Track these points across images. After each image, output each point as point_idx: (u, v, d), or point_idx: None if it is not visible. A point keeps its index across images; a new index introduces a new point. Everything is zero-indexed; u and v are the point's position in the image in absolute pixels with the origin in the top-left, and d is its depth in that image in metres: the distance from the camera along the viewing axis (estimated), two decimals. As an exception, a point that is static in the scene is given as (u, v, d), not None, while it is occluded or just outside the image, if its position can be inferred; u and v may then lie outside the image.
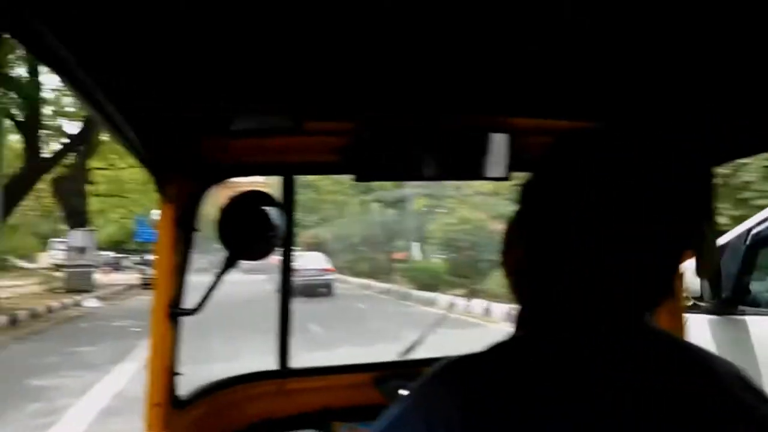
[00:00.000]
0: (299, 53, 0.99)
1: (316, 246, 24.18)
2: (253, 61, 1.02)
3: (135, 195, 25.53)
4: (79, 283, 18.78)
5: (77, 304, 16.34)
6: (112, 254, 36.07)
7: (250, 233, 1.36)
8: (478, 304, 13.37)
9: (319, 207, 28.45)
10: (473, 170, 1.43)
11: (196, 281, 1.42)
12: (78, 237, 19.81)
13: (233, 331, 10.02)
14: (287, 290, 1.60)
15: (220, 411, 1.50)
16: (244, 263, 1.46)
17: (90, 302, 16.84)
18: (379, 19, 0.87)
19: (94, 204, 25.67)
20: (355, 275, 24.57)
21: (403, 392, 1.46)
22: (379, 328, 10.99)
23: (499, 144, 1.40)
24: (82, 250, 19.28)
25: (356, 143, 1.39)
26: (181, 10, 0.78)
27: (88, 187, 23.88)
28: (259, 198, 1.39)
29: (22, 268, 19.56)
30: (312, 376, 1.64)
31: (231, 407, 1.51)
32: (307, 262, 17.27)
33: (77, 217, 20.63)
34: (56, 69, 0.72)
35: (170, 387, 1.32)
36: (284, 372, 1.60)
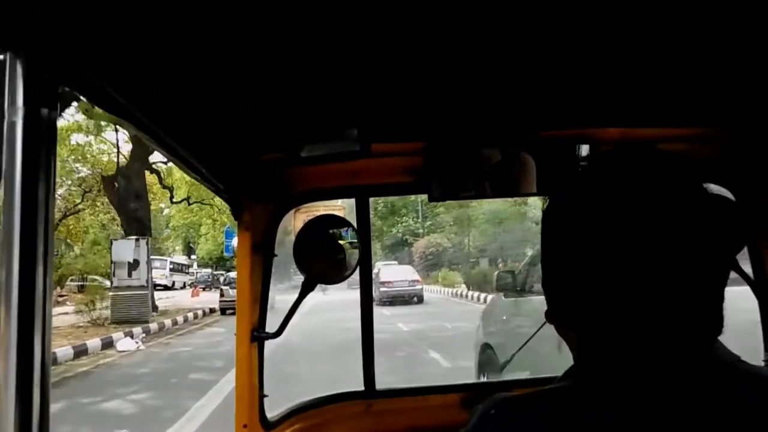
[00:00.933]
0: (365, 78, 1.01)
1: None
2: (317, 86, 1.04)
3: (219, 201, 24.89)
4: (128, 310, 14.34)
5: (109, 345, 11.70)
6: (208, 271, 35.64)
7: (327, 257, 1.39)
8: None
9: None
10: (547, 185, 1.40)
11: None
12: (125, 249, 15.01)
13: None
14: (369, 311, 1.62)
15: None
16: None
17: (125, 343, 11.75)
18: (445, 41, 0.87)
19: (176, 213, 25.65)
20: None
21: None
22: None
23: (575, 156, 1.37)
24: (133, 266, 14.77)
25: (427, 164, 1.39)
26: (246, 49, 0.81)
27: (159, 190, 22.17)
28: (333, 222, 1.42)
29: (105, 288, 15.97)
30: (398, 397, 1.64)
31: (318, 428, 1.54)
32: (399, 273, 19.61)
33: (136, 225, 16.25)
34: (123, 115, 0.76)
35: (258, 408, 1.35)
36: (370, 393, 1.60)
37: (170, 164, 15.74)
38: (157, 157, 18.46)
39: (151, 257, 16.67)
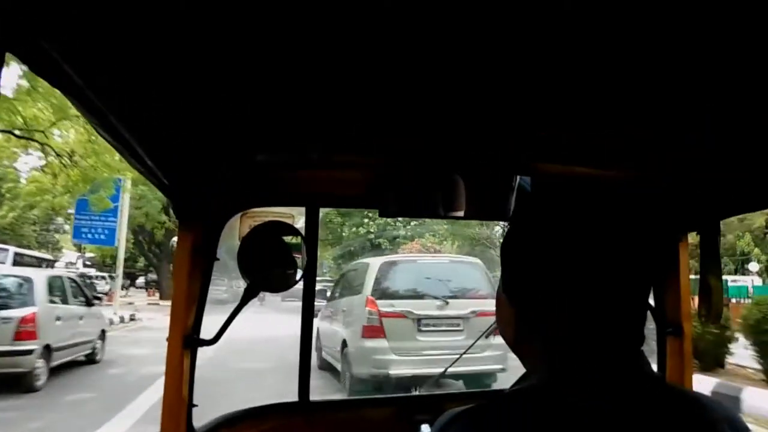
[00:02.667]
0: (328, 89, 1.00)
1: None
2: (279, 97, 1.03)
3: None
4: None
5: None
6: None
7: (272, 264, 1.36)
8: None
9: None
10: (496, 211, 1.45)
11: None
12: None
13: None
14: (308, 322, 1.59)
15: None
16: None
17: None
18: (410, 60, 0.88)
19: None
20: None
21: (427, 426, 1.47)
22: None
23: (518, 188, 1.43)
24: None
25: (381, 180, 1.40)
26: (203, 41, 0.78)
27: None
28: (281, 229, 1.39)
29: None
30: (333, 410, 1.61)
31: None
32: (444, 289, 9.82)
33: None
34: (69, 90, 0.72)
35: (185, 418, 1.29)
36: (305, 405, 1.56)
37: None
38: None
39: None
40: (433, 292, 7.27)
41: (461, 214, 1.48)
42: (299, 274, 1.38)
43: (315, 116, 1.15)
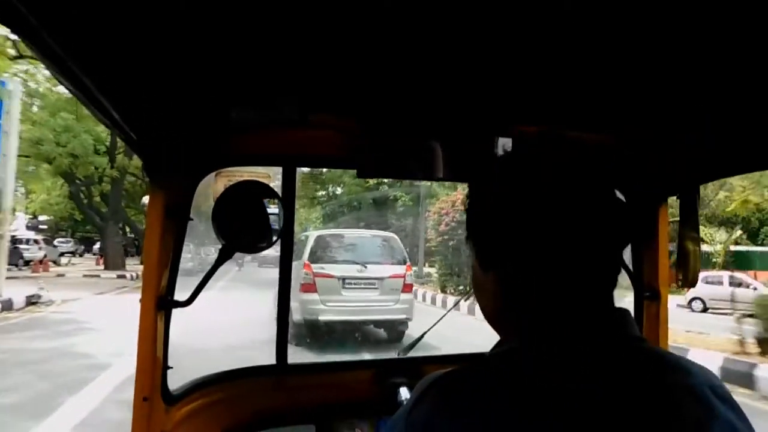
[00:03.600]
0: (306, 47, 0.95)
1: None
2: (256, 52, 0.97)
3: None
4: None
5: None
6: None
7: (248, 225, 1.31)
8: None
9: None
10: (476, 173, 1.42)
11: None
12: None
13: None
14: (286, 285, 1.56)
15: (213, 406, 1.44)
16: (260, 255, 1.44)
17: None
18: (390, 20, 0.84)
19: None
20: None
21: (404, 389, 1.47)
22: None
23: (502, 148, 1.41)
24: None
25: (360, 140, 1.35)
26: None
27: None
28: (257, 189, 1.34)
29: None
30: (311, 373, 1.60)
31: (226, 402, 1.46)
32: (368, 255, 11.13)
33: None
34: (23, 31, 0.66)
35: (160, 381, 1.26)
36: (282, 368, 1.55)
37: None
38: None
39: None
40: (356, 259, 9.28)
41: (440, 175, 1.46)
42: (275, 235, 1.34)
43: (292, 73, 1.10)
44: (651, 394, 0.64)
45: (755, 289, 14.86)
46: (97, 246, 30.19)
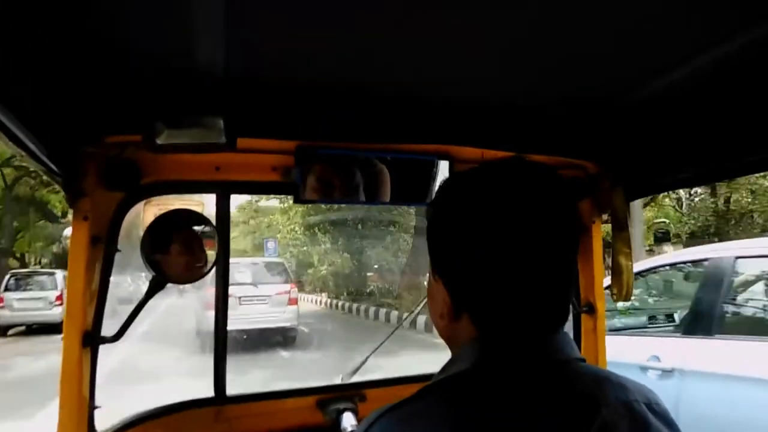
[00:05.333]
0: (231, 66, 0.93)
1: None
2: (178, 72, 0.94)
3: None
4: None
5: None
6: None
7: (180, 254, 1.26)
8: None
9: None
10: (416, 197, 1.42)
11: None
12: None
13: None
14: (224, 314, 1.50)
15: None
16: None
17: None
18: (326, 35, 0.83)
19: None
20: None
21: (348, 414, 1.43)
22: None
23: (440, 172, 1.41)
24: None
25: (297, 164, 1.33)
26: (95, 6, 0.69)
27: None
28: (189, 217, 1.29)
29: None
30: (251, 402, 1.54)
31: None
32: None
33: None
34: None
35: (86, 421, 1.18)
36: (221, 399, 1.48)
37: None
38: None
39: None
40: (249, 280, 11.46)
41: (384, 199, 1.44)
42: (210, 264, 1.29)
43: (217, 94, 1.06)
44: (591, 414, 0.64)
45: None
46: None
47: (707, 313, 3.30)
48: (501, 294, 0.67)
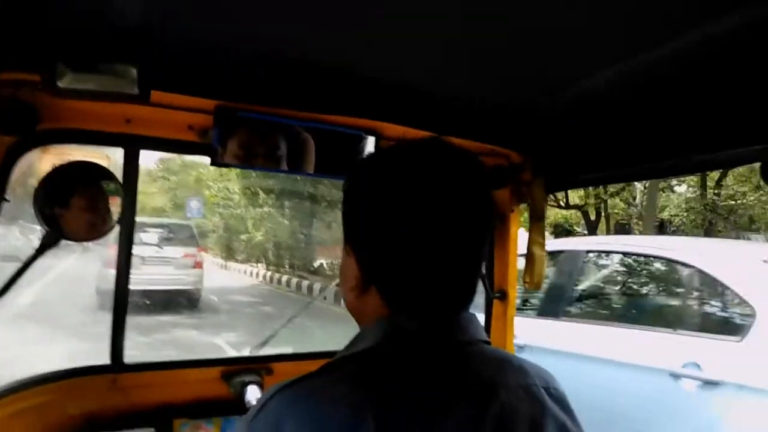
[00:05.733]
0: (152, 11, 0.84)
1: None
2: (96, 12, 0.85)
3: None
4: None
5: None
6: None
7: (79, 210, 1.16)
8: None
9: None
10: (339, 169, 1.38)
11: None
12: None
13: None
14: (125, 276, 1.40)
15: (33, 412, 1.26)
16: None
17: None
18: None
19: None
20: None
21: (253, 387, 1.39)
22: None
23: (366, 147, 1.38)
24: None
25: (216, 125, 1.25)
26: None
27: None
28: (92, 170, 1.19)
29: None
30: (151, 371, 1.46)
31: (50, 407, 1.28)
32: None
33: None
34: None
35: None
36: (117, 366, 1.39)
37: None
38: None
39: None
40: (154, 241, 11.26)
41: (308, 169, 1.39)
42: (111, 223, 1.20)
43: (132, 39, 0.97)
44: (490, 395, 0.66)
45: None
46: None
47: (556, 298, 3.69)
48: (410, 270, 0.67)
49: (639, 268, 3.75)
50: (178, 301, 11.05)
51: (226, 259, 21.06)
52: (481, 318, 1.63)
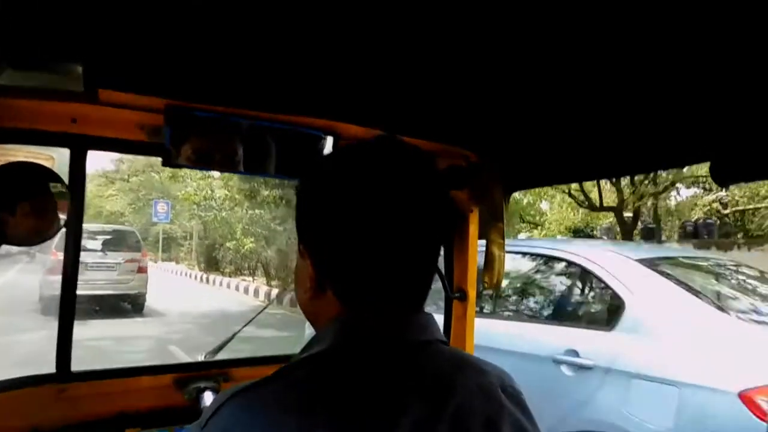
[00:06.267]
0: (100, 10, 0.81)
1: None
2: (38, 6, 0.81)
3: None
4: None
5: None
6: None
7: (22, 213, 1.11)
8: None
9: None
10: (298, 169, 1.36)
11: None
12: None
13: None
14: (72, 282, 1.34)
15: None
16: None
17: None
18: None
19: None
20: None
21: (209, 393, 1.35)
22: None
23: (325, 147, 1.36)
24: None
25: (167, 125, 1.21)
26: None
27: None
28: (35, 172, 1.14)
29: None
30: (99, 380, 1.40)
31: None
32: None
33: None
34: None
35: None
36: (64, 375, 1.33)
37: None
38: None
39: None
40: (97, 247, 11.60)
41: (267, 170, 1.36)
42: (55, 227, 1.15)
43: (78, 35, 0.93)
44: (447, 395, 0.65)
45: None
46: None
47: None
48: (365, 271, 0.67)
49: (538, 267, 3.94)
50: (122, 306, 11.45)
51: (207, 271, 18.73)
52: (441, 319, 1.63)
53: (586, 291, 3.48)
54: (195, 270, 19.82)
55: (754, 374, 2.44)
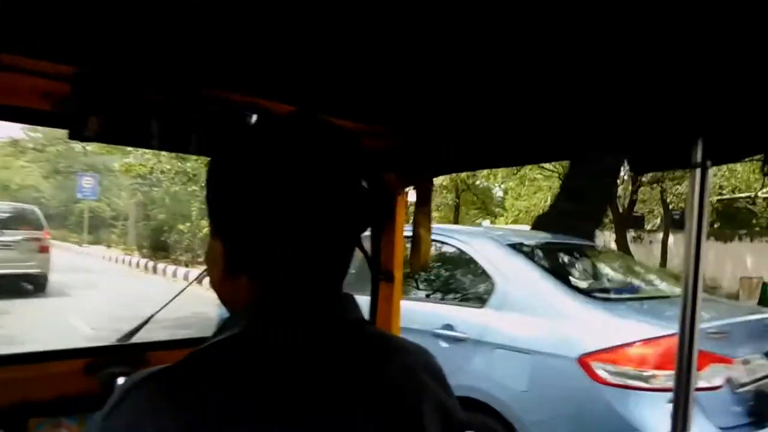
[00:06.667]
0: None
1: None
2: None
3: None
4: None
5: None
6: None
7: None
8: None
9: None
10: (212, 146, 1.31)
11: None
12: None
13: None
14: None
15: None
16: None
17: None
18: None
19: None
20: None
21: (122, 380, 1.27)
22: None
23: (243, 122, 1.30)
24: None
25: (76, 93, 1.10)
26: None
27: None
28: None
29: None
30: (4, 366, 1.27)
31: None
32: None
33: None
34: None
35: None
36: None
37: None
38: None
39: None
40: None
41: (185, 148, 1.28)
42: None
43: None
44: (370, 376, 0.64)
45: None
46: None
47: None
48: (278, 252, 0.63)
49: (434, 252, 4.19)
50: (22, 286, 10.90)
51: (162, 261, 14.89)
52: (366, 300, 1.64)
53: (466, 273, 3.80)
54: (135, 256, 16.37)
55: (590, 342, 2.87)
